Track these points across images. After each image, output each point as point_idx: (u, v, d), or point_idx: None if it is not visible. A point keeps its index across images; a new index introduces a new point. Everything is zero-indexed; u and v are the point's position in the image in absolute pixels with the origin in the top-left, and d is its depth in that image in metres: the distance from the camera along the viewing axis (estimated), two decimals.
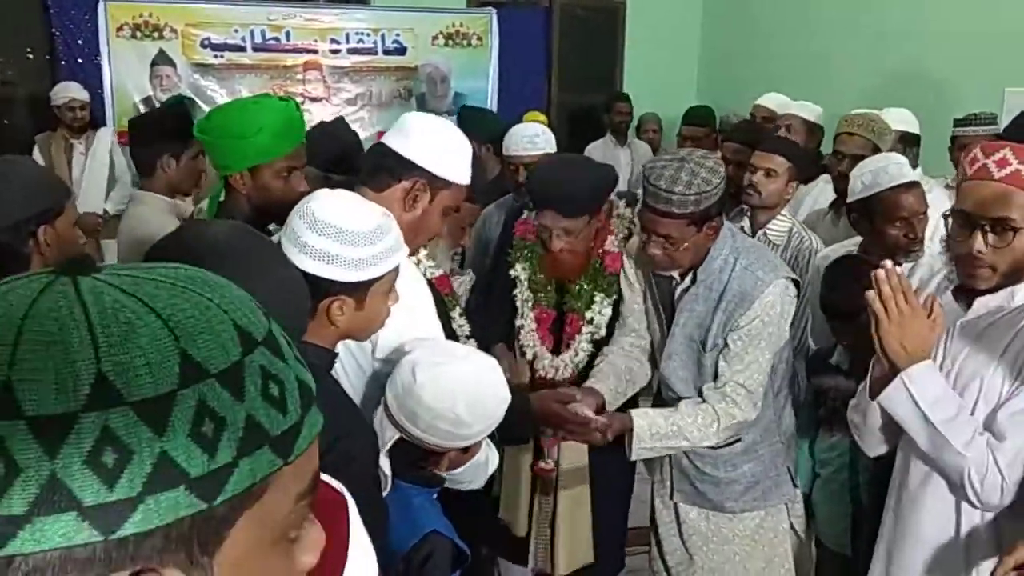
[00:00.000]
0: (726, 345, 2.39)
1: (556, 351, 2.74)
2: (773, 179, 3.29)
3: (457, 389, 1.72)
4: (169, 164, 3.06)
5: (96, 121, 6.03)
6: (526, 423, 2.37)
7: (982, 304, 1.89)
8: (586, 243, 2.63)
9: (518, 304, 2.76)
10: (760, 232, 3.32)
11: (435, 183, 2.04)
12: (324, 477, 0.94)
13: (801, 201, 4.03)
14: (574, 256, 2.62)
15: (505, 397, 1.80)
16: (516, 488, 2.83)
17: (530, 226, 2.74)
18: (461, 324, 2.66)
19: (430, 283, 2.39)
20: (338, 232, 1.58)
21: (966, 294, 1.94)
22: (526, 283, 2.75)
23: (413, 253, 2.15)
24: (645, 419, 2.43)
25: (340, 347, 1.75)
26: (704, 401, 2.43)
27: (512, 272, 2.75)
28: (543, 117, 5.58)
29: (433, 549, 1.68)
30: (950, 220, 1.90)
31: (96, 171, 5.81)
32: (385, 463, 1.79)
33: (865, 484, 2.61)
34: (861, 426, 2.04)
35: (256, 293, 1.25)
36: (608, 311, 2.68)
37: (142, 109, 6.78)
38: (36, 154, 5.67)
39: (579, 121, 7.46)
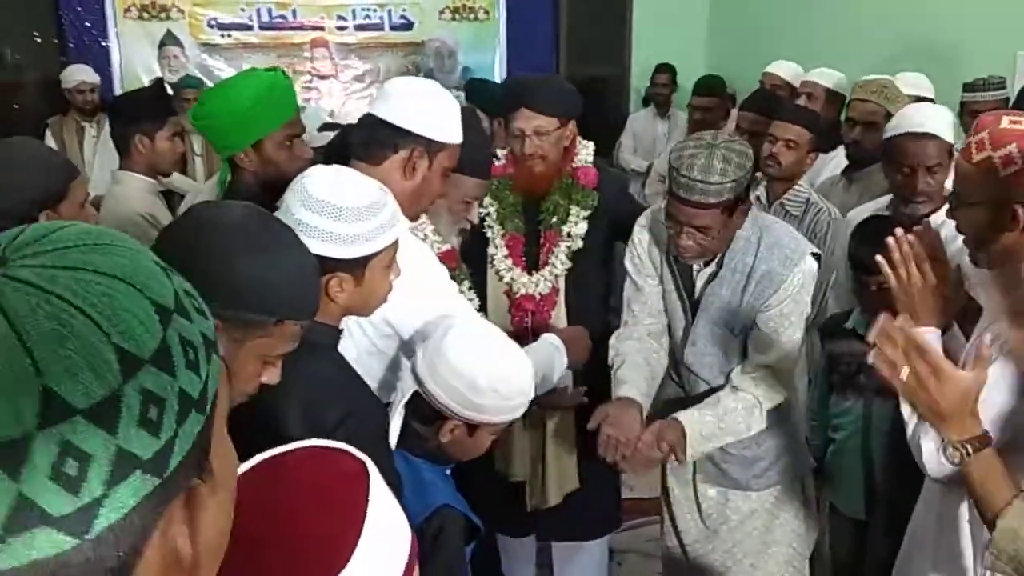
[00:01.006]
0: (757, 327, 2.33)
1: (530, 271, 2.76)
2: (793, 150, 3.26)
3: (483, 357, 1.76)
4: (143, 143, 3.05)
5: (107, 104, 6.03)
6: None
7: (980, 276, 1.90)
8: (556, 152, 2.64)
9: (489, 235, 2.77)
10: (777, 203, 3.31)
11: (432, 147, 2.04)
12: (344, 446, 0.96)
13: (819, 171, 4.00)
14: (545, 164, 2.62)
15: (527, 392, 1.82)
16: (508, 433, 2.85)
17: (498, 168, 2.74)
18: (471, 298, 2.67)
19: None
20: (332, 208, 1.57)
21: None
22: (495, 214, 2.76)
23: (414, 219, 2.15)
24: (694, 424, 2.33)
25: (352, 323, 1.76)
26: (739, 389, 2.37)
27: (482, 209, 2.73)
28: None
29: (444, 523, 1.68)
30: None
31: (107, 154, 5.80)
32: (396, 422, 1.81)
33: (879, 449, 2.61)
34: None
35: (271, 275, 1.28)
36: (584, 224, 2.71)
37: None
38: (48, 138, 5.69)
39: (588, 92, 7.39)
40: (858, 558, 2.94)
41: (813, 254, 2.36)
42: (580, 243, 2.71)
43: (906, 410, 1.75)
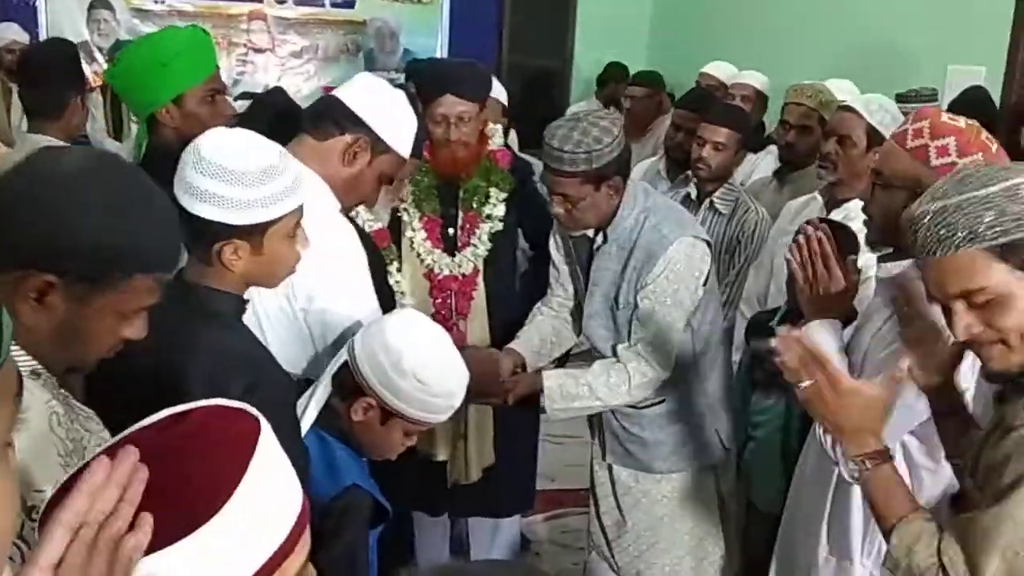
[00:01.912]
0: (636, 304, 2.42)
1: (451, 253, 2.78)
2: (722, 151, 3.31)
3: (418, 343, 1.74)
4: (78, 105, 2.93)
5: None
6: None
7: (885, 270, 1.94)
8: (475, 136, 2.69)
9: (405, 218, 2.77)
10: (706, 201, 3.34)
11: (377, 145, 2.05)
12: (245, 407, 0.95)
13: (750, 172, 4.06)
14: (468, 149, 2.68)
15: (451, 397, 1.79)
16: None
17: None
18: (398, 279, 2.66)
19: (367, 236, 2.40)
20: (223, 172, 1.51)
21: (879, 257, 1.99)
22: (410, 198, 2.77)
23: (345, 212, 2.14)
24: (555, 379, 2.47)
25: (267, 292, 1.72)
26: (617, 360, 2.46)
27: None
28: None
29: (351, 503, 1.66)
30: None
31: None
32: (321, 393, 1.78)
33: (798, 447, 2.65)
34: None
35: (113, 227, 1.21)
36: (503, 206, 2.76)
37: (80, 55, 6.57)
38: None
39: (531, 82, 7.40)
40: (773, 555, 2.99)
41: (704, 241, 2.44)
42: (500, 225, 2.76)
43: None
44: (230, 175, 1.51)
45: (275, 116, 2.40)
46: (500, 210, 2.74)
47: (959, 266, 1.34)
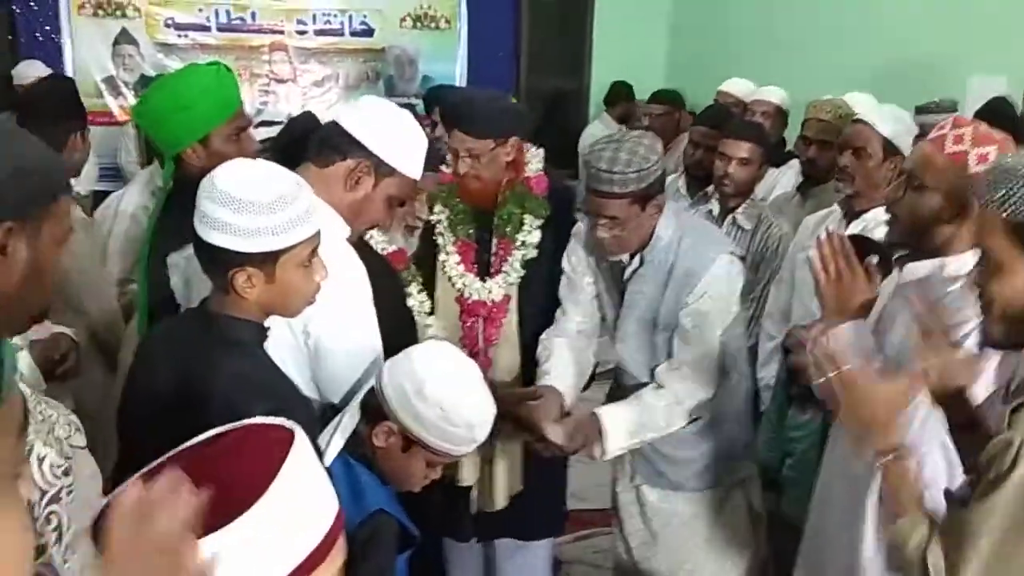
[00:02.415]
0: (679, 324, 2.40)
1: (482, 278, 2.73)
2: (746, 166, 3.32)
3: (443, 372, 1.74)
4: (78, 141, 2.88)
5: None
6: None
7: (910, 271, 1.96)
8: (493, 171, 2.61)
9: (440, 242, 2.74)
10: (729, 217, 3.34)
11: (381, 168, 2.02)
12: (275, 420, 0.99)
13: (772, 187, 4.06)
14: (481, 183, 2.61)
15: (474, 429, 1.77)
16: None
17: (446, 175, 2.72)
18: (422, 300, 2.65)
19: (383, 259, 2.40)
20: (232, 200, 1.52)
21: (898, 258, 2.03)
22: (445, 221, 2.73)
23: (355, 237, 2.11)
24: (613, 418, 2.42)
25: (274, 320, 1.73)
26: (661, 386, 2.44)
27: (432, 216, 2.73)
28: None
29: (377, 528, 1.66)
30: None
31: None
32: (349, 421, 1.78)
33: None
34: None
35: (39, 150, 1.20)
36: (538, 233, 2.69)
37: (104, 88, 6.68)
38: None
39: (548, 104, 7.44)
40: None
41: (739, 256, 2.43)
42: (534, 252, 2.71)
43: None
44: (239, 203, 1.52)
45: (292, 140, 2.40)
46: (534, 237, 2.69)
47: None
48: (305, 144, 2.15)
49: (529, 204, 2.69)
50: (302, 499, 0.92)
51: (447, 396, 1.72)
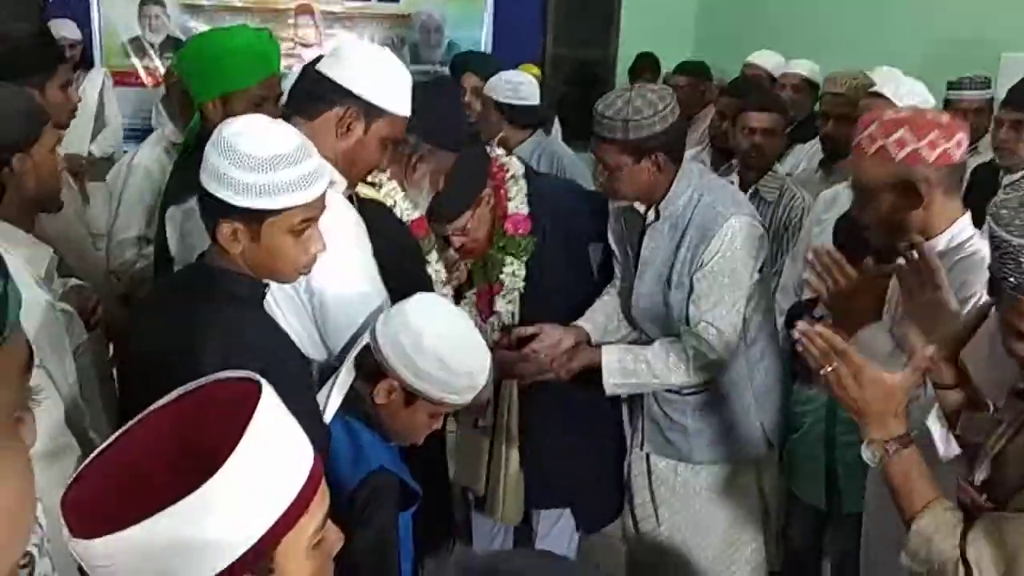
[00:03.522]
0: (692, 286, 2.38)
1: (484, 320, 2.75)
2: (772, 137, 3.31)
3: (439, 323, 1.75)
4: (56, 93, 2.76)
5: (88, 60, 5.94)
6: None
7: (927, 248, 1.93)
8: (484, 227, 2.62)
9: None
10: (751, 190, 3.31)
11: (370, 111, 1.98)
12: (242, 373, 0.98)
13: (798, 162, 4.02)
14: (478, 244, 2.63)
15: (474, 377, 1.77)
16: (472, 449, 2.86)
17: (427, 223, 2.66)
18: (437, 269, 2.64)
19: (404, 225, 2.39)
20: (230, 151, 1.51)
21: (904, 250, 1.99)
22: (443, 275, 2.64)
23: (353, 185, 2.11)
24: (614, 354, 2.45)
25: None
26: (677, 340, 2.43)
27: (431, 268, 2.64)
28: (536, 70, 5.53)
29: (378, 486, 1.66)
30: None
31: (84, 111, 5.70)
32: (344, 378, 1.78)
33: (842, 437, 2.61)
34: None
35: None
36: (521, 271, 2.68)
37: (130, 49, 6.69)
38: None
39: (574, 75, 7.38)
40: (815, 547, 2.96)
41: (762, 225, 2.40)
42: (521, 284, 2.70)
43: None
44: (236, 155, 1.51)
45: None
46: (519, 277, 2.68)
47: None
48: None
49: (509, 246, 2.68)
50: (273, 454, 0.91)
51: (444, 347, 1.72)
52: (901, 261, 1.81)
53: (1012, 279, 1.36)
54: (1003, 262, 1.38)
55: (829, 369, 1.57)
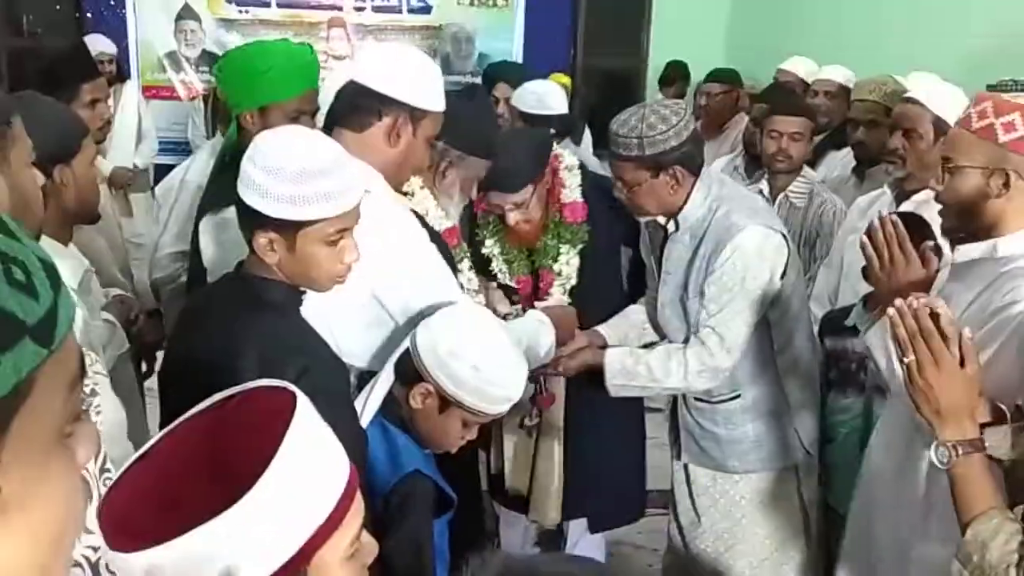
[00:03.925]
0: (702, 292, 2.39)
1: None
2: (800, 141, 3.32)
3: (478, 332, 1.78)
4: (88, 107, 2.81)
5: (123, 74, 6.04)
6: None
7: (962, 252, 1.92)
8: (539, 208, 2.64)
9: (499, 275, 2.76)
10: (781, 195, 3.31)
11: (415, 115, 2.02)
12: (277, 382, 0.97)
13: (833, 168, 3.99)
14: (531, 224, 2.65)
15: (508, 389, 1.79)
16: (522, 450, 2.86)
17: (484, 206, 2.73)
18: (470, 278, 2.65)
19: (437, 234, 2.41)
20: (268, 163, 1.54)
21: (951, 241, 1.98)
22: (500, 256, 2.75)
23: (398, 187, 2.15)
24: (616, 356, 2.47)
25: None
26: (681, 347, 2.45)
27: (484, 249, 2.76)
28: (567, 79, 5.54)
29: (413, 490, 1.67)
30: None
31: (125, 125, 5.78)
32: (384, 383, 1.80)
33: None
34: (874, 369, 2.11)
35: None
36: (576, 260, 2.71)
37: (166, 64, 6.80)
38: None
39: (604, 85, 7.38)
40: None
41: (780, 233, 2.39)
42: (574, 280, 2.72)
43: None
44: (271, 167, 1.54)
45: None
46: (573, 266, 2.71)
47: None
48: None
49: (565, 234, 2.70)
50: (308, 471, 0.91)
51: (482, 356, 1.74)
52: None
53: None
54: None
55: (910, 358, 1.54)
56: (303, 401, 0.94)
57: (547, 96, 3.77)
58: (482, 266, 2.76)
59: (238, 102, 2.41)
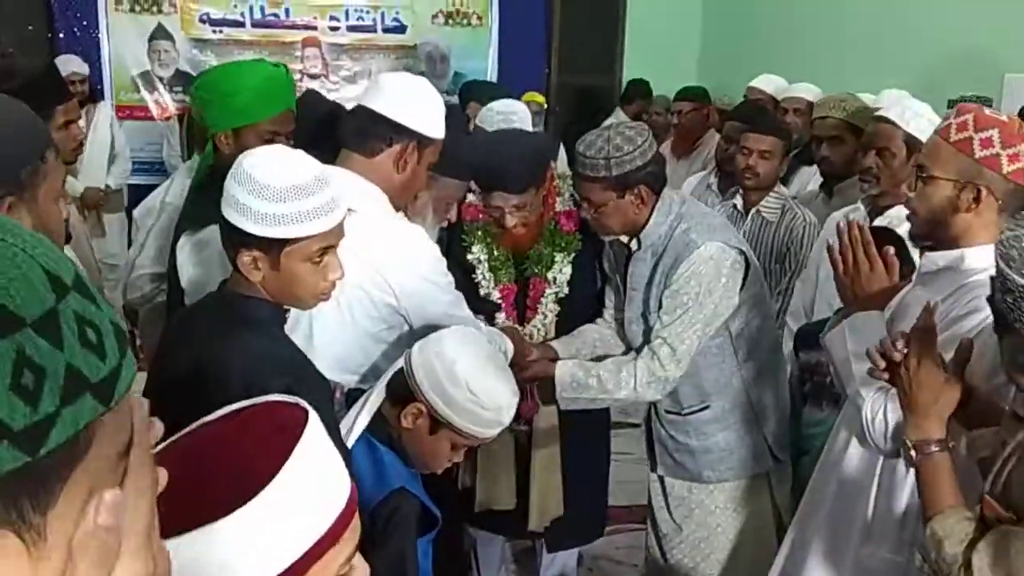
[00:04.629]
0: (660, 305, 2.44)
1: (521, 321, 2.77)
2: (768, 159, 3.37)
3: (474, 356, 1.79)
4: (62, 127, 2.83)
5: (95, 95, 6.02)
6: None
7: (930, 260, 1.97)
8: (537, 212, 2.67)
9: (482, 284, 2.77)
10: (753, 210, 3.36)
11: (422, 143, 2.11)
12: (290, 398, 0.99)
13: (804, 184, 4.04)
14: (528, 229, 2.67)
15: (501, 413, 1.81)
16: (496, 463, 2.85)
17: (478, 208, 2.75)
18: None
19: None
20: (251, 183, 1.56)
21: (920, 249, 2.04)
22: (486, 263, 2.77)
23: (398, 210, 2.19)
24: (567, 368, 2.48)
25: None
26: (631, 359, 2.47)
27: (470, 256, 2.77)
28: (541, 98, 5.58)
29: (398, 506, 1.67)
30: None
31: (97, 145, 5.78)
32: (375, 399, 1.81)
33: None
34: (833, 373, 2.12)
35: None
36: (568, 269, 2.74)
37: (140, 84, 6.78)
38: None
39: (578, 102, 7.43)
40: None
41: (738, 250, 2.43)
42: (566, 289, 2.74)
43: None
44: (254, 186, 1.56)
45: (317, 123, 2.44)
46: (565, 274, 2.73)
47: None
48: (330, 125, 2.22)
49: (559, 241, 2.73)
50: (313, 485, 0.91)
51: (477, 379, 1.76)
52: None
53: (1021, 321, 1.38)
54: (1015, 305, 1.38)
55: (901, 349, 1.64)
56: (314, 417, 0.95)
57: (514, 116, 3.75)
58: (463, 276, 2.74)
59: (213, 123, 2.42)
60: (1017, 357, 1.43)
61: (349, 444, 1.73)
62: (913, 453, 1.60)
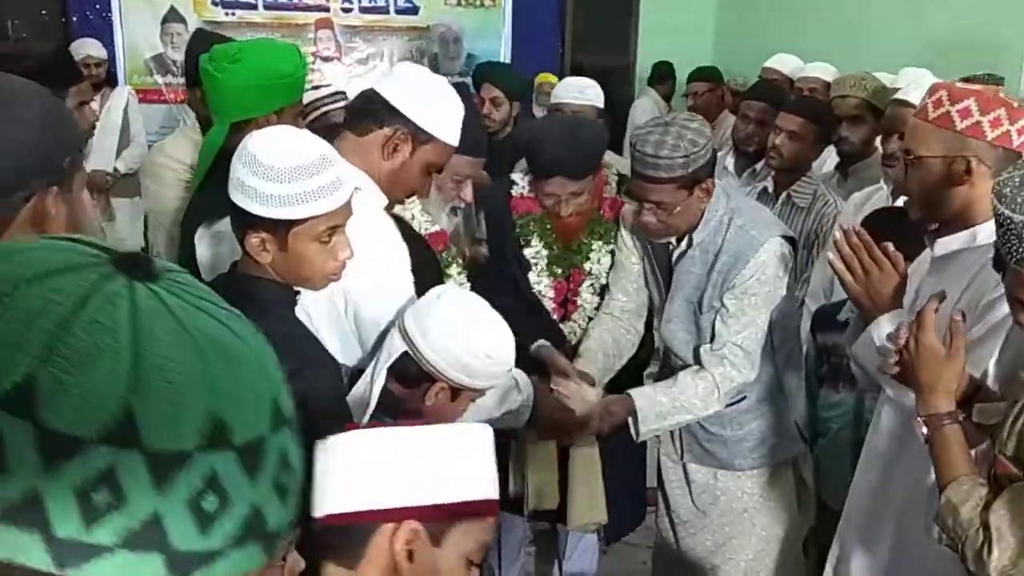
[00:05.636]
0: (723, 306, 2.37)
1: (563, 318, 2.72)
2: (795, 141, 3.25)
3: (477, 322, 1.79)
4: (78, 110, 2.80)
5: (112, 79, 6.02)
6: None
7: (942, 245, 1.95)
8: (591, 201, 2.62)
9: (533, 280, 2.70)
10: (784, 195, 3.29)
11: (418, 135, 2.00)
12: None
13: (819, 166, 4.00)
14: (582, 218, 2.62)
15: (511, 361, 1.83)
16: (544, 467, 2.76)
17: (532, 200, 2.68)
18: (461, 282, 2.63)
19: (422, 239, 2.39)
20: (254, 163, 1.55)
21: (928, 234, 2.01)
22: (545, 258, 2.69)
23: (391, 206, 2.10)
24: (646, 399, 2.42)
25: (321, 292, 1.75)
26: (701, 368, 2.42)
27: (528, 251, 2.68)
28: (554, 79, 5.55)
29: None
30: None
31: (107, 128, 5.78)
32: (378, 384, 1.80)
33: None
34: (861, 378, 2.13)
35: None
36: (607, 259, 2.66)
37: (153, 67, 6.78)
38: None
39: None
40: None
41: (788, 238, 2.39)
42: (604, 279, 2.68)
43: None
44: (259, 167, 1.55)
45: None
46: (604, 264, 2.66)
47: None
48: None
49: (598, 230, 2.67)
50: None
51: (491, 344, 1.78)
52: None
53: (1016, 254, 1.44)
54: (1007, 239, 1.44)
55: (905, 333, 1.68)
56: None
57: (588, 88, 3.76)
58: (506, 268, 2.69)
59: (215, 112, 2.41)
60: (1016, 292, 1.48)
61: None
62: (924, 430, 1.63)
